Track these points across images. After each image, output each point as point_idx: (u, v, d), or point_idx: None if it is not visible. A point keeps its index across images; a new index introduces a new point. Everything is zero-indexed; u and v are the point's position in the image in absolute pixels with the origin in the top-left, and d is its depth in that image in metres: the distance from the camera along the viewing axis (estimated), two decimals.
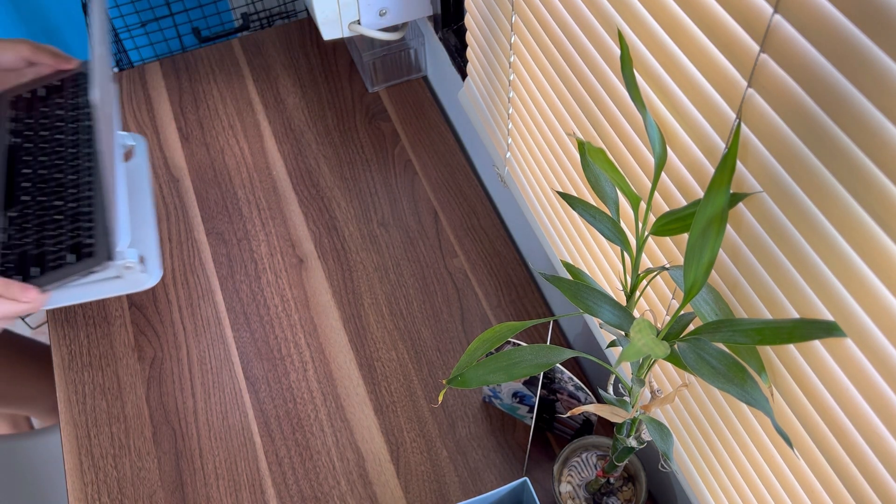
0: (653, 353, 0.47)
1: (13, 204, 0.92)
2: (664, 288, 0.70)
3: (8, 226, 0.90)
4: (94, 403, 0.95)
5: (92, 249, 0.87)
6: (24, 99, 1.04)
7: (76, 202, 0.91)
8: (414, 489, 0.88)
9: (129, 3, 1.64)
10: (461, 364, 0.58)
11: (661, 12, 0.56)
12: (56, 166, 0.95)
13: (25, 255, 0.88)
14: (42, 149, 0.97)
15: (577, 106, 0.76)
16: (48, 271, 0.86)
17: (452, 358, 0.98)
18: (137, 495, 0.89)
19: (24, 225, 0.90)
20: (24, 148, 0.98)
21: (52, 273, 0.86)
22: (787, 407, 0.57)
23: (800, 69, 0.44)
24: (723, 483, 0.72)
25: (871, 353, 0.46)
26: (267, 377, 0.97)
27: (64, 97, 1.02)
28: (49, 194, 0.92)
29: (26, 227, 0.90)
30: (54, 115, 1.01)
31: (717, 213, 0.45)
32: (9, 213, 0.91)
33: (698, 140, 0.56)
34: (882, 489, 0.49)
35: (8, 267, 0.87)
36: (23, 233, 0.90)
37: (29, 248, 0.89)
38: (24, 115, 1.02)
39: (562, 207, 0.90)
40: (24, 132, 1.00)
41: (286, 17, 1.58)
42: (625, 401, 0.64)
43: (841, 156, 0.43)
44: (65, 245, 0.88)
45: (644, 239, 0.57)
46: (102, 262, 0.86)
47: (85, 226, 0.89)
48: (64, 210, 0.90)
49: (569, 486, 0.81)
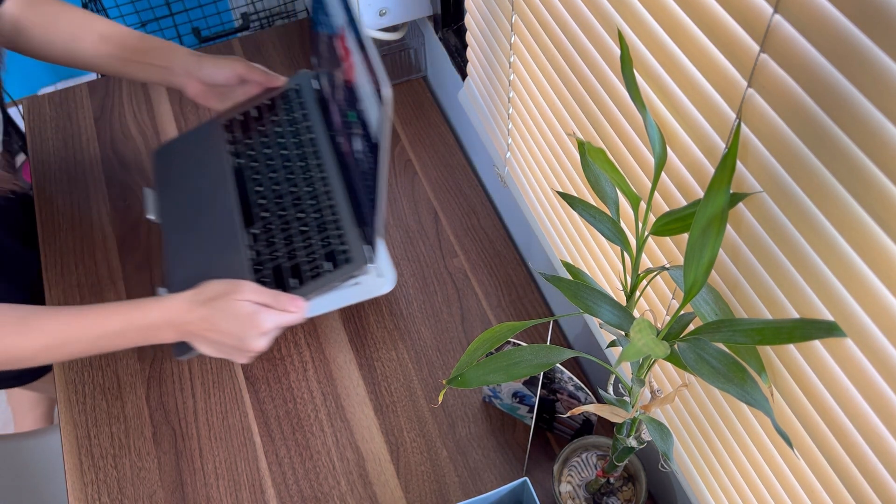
0: (653, 353, 0.47)
1: (253, 222, 0.95)
2: (664, 288, 0.70)
3: (253, 243, 0.93)
4: (94, 403, 0.96)
5: (348, 255, 0.89)
6: (237, 121, 1.06)
7: (318, 212, 0.93)
8: (414, 489, 0.88)
9: (128, 3, 1.64)
10: (461, 364, 0.58)
11: (661, 12, 0.56)
12: (289, 181, 0.98)
13: (280, 269, 0.91)
14: (269, 166, 1.00)
15: (577, 106, 0.76)
16: (308, 281, 0.89)
17: (452, 358, 0.98)
18: (137, 495, 0.89)
19: (271, 240, 0.93)
20: (250, 167, 1.01)
21: (313, 282, 0.88)
22: (787, 407, 0.57)
23: (800, 69, 0.44)
24: (723, 483, 0.72)
25: (871, 353, 0.46)
26: (267, 377, 0.97)
27: (278, 115, 1.04)
28: (288, 208, 0.95)
29: (273, 241, 0.93)
30: (273, 133, 1.03)
31: (717, 213, 0.45)
32: (251, 230, 0.94)
33: (698, 140, 0.56)
34: (882, 489, 0.49)
35: (264, 281, 0.90)
36: (271, 247, 0.93)
37: (281, 261, 0.91)
38: (241, 136, 1.04)
39: (562, 207, 0.90)
40: (246, 153, 1.02)
41: (286, 17, 1.58)
42: (625, 401, 0.64)
43: (841, 156, 0.43)
44: (318, 254, 0.90)
45: (644, 239, 0.57)
46: (362, 266, 0.88)
47: (335, 234, 0.91)
48: (308, 221, 0.93)
49: (569, 486, 0.81)
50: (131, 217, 1.12)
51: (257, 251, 0.93)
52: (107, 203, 1.14)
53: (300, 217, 0.94)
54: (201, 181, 1.02)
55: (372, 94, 0.75)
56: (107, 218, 1.12)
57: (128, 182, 1.16)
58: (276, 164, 1.00)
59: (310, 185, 0.96)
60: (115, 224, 1.11)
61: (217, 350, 0.84)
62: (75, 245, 1.10)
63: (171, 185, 1.03)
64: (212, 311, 0.81)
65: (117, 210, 1.13)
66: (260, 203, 0.97)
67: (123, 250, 1.09)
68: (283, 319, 0.83)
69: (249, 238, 0.94)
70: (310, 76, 1.06)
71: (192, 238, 0.96)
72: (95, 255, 1.08)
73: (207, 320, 0.81)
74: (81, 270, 1.07)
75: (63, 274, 1.06)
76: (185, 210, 1.00)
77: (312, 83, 1.06)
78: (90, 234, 1.11)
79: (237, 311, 0.81)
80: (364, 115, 0.81)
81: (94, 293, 1.04)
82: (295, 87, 1.06)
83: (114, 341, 0.81)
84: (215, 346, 0.83)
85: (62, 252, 1.09)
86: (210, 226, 0.97)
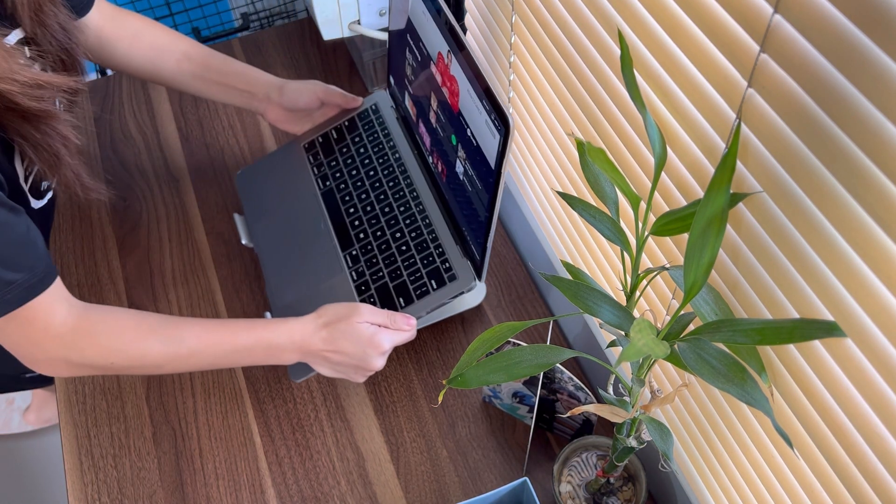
0: (653, 353, 0.47)
1: (350, 243, 0.96)
2: (664, 288, 0.70)
3: (352, 265, 0.95)
4: (94, 403, 0.96)
5: (453, 273, 0.90)
6: (318, 143, 1.07)
7: (415, 231, 0.94)
8: (414, 489, 0.88)
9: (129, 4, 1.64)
10: (461, 364, 0.58)
11: (661, 12, 0.56)
12: (380, 201, 0.99)
13: (386, 289, 0.92)
14: (358, 187, 1.01)
15: (577, 106, 0.76)
16: (416, 300, 0.90)
17: (452, 358, 0.98)
18: (137, 495, 0.89)
19: (372, 261, 0.94)
20: (340, 189, 1.01)
21: (422, 301, 0.90)
22: (787, 407, 0.57)
23: (800, 69, 0.44)
24: (723, 483, 0.72)
25: (871, 353, 0.46)
26: (267, 377, 0.97)
27: (360, 135, 1.05)
28: (384, 228, 0.96)
29: (373, 262, 0.94)
30: (358, 154, 1.03)
31: (717, 213, 0.45)
32: (349, 252, 0.96)
33: (698, 140, 0.56)
34: (882, 489, 0.49)
35: (372, 301, 0.92)
36: (372, 268, 0.94)
37: (385, 281, 0.93)
38: (324, 158, 1.05)
39: (562, 207, 0.90)
40: (332, 174, 1.03)
41: (286, 17, 1.58)
42: (625, 401, 0.64)
43: (841, 156, 0.43)
44: (422, 273, 0.92)
45: (644, 239, 0.57)
46: (469, 283, 0.89)
47: (436, 252, 0.92)
48: (406, 241, 0.94)
49: (569, 486, 0.81)
50: (131, 217, 1.12)
51: (357, 272, 0.94)
52: (107, 203, 1.14)
53: (397, 237, 0.95)
54: (291, 205, 1.03)
55: (486, 123, 0.77)
56: (107, 218, 1.12)
57: (128, 182, 1.16)
58: (364, 185, 1.01)
59: (403, 205, 0.97)
60: (115, 224, 1.11)
61: (336, 371, 0.86)
62: (75, 245, 1.10)
63: (261, 210, 1.04)
64: (334, 333, 0.83)
65: (117, 210, 1.13)
66: (355, 224, 0.98)
67: (123, 250, 1.09)
68: (398, 338, 0.86)
69: (349, 259, 0.96)
70: (386, 96, 1.07)
71: (291, 262, 0.98)
72: (95, 255, 1.08)
73: (330, 342, 0.83)
74: (81, 270, 1.07)
75: (63, 274, 1.06)
76: (279, 234, 1.01)
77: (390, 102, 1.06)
78: (90, 234, 1.11)
79: (359, 334, 0.83)
80: (470, 140, 0.82)
81: (94, 293, 1.04)
82: (372, 106, 1.06)
83: (240, 357, 0.84)
84: (336, 368, 0.85)
85: (62, 252, 1.09)
86: (307, 249, 0.98)
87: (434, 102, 0.90)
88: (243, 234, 1.04)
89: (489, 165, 0.78)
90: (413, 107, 0.99)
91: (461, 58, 0.80)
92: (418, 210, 0.96)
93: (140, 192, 1.15)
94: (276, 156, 1.09)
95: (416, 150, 1.01)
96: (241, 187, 1.08)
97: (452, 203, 0.92)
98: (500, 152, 0.75)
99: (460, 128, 0.84)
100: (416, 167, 1.00)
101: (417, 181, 0.98)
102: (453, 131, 0.86)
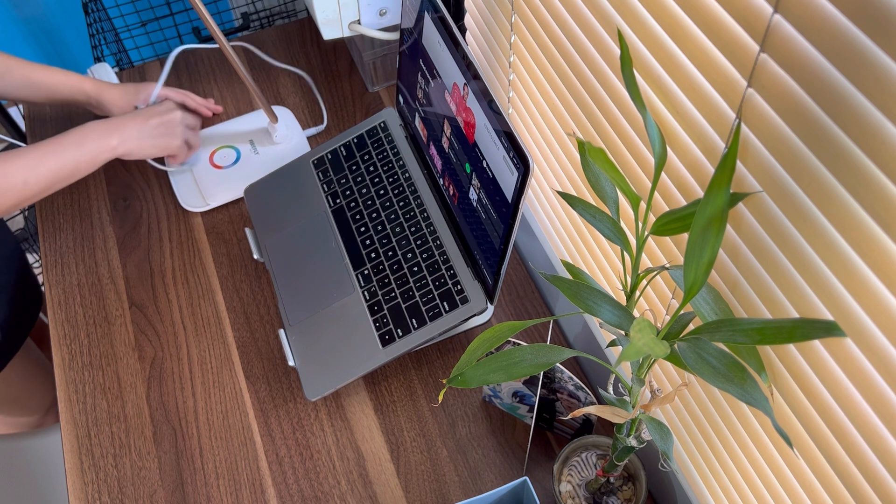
0: (653, 352, 0.47)
1: (361, 264, 0.96)
2: (664, 288, 0.70)
3: (364, 285, 0.95)
4: (95, 403, 0.96)
5: (465, 296, 0.90)
6: (327, 160, 1.07)
7: (427, 253, 0.94)
8: (414, 489, 0.88)
9: (129, 3, 1.64)
10: (461, 364, 0.58)
11: (661, 12, 0.56)
12: (391, 220, 0.98)
13: (398, 309, 0.92)
14: (368, 206, 1.01)
15: (577, 106, 0.76)
16: (429, 322, 0.90)
17: (452, 358, 0.98)
18: (137, 495, 0.89)
19: (384, 281, 0.94)
20: (350, 208, 1.01)
21: (434, 323, 0.90)
22: (787, 407, 0.57)
23: (800, 69, 0.44)
24: (723, 483, 0.72)
25: (871, 353, 0.46)
26: (267, 377, 0.97)
27: (370, 153, 1.05)
28: (396, 249, 0.96)
29: (385, 283, 0.94)
30: (368, 172, 1.03)
31: (717, 212, 0.45)
32: (360, 272, 0.96)
33: (698, 140, 0.56)
34: (882, 489, 0.49)
35: (382, 323, 0.92)
36: (383, 289, 0.94)
37: (397, 302, 0.92)
38: (333, 176, 1.05)
39: (562, 207, 0.90)
40: (343, 192, 1.03)
41: (286, 17, 1.58)
42: (625, 400, 0.64)
43: (841, 155, 0.43)
44: (434, 294, 0.92)
45: (644, 239, 0.57)
46: (482, 306, 0.89)
47: (448, 273, 0.92)
48: (418, 262, 0.94)
49: (569, 486, 0.81)
50: (131, 217, 1.12)
51: (369, 292, 0.94)
52: (107, 203, 1.14)
53: (409, 257, 0.95)
54: (301, 221, 1.03)
55: (503, 159, 0.76)
56: (107, 218, 1.12)
57: (128, 182, 1.16)
58: (375, 204, 1.00)
59: (414, 225, 0.97)
60: (115, 224, 1.11)
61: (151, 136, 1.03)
62: (75, 245, 1.10)
63: (271, 226, 1.04)
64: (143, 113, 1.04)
65: (117, 210, 1.13)
66: (366, 243, 0.98)
67: (123, 250, 1.09)
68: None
69: (360, 279, 0.95)
70: (394, 113, 1.06)
71: (303, 280, 0.98)
72: (95, 255, 1.08)
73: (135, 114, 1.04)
74: (81, 270, 1.07)
75: (63, 274, 1.06)
76: (290, 251, 1.01)
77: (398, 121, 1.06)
78: (90, 234, 1.11)
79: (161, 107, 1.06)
80: (485, 170, 0.81)
81: (94, 293, 1.04)
82: (381, 124, 1.06)
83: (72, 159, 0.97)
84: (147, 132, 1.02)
85: (62, 252, 1.09)
86: (318, 267, 0.98)
87: (447, 129, 0.90)
88: (255, 249, 1.04)
89: (504, 197, 0.78)
90: (424, 129, 0.98)
91: (479, 93, 0.79)
92: (429, 231, 0.96)
93: (140, 192, 1.15)
94: (284, 171, 1.09)
95: (426, 171, 1.00)
96: (249, 202, 1.08)
97: (464, 227, 0.92)
98: (517, 189, 0.75)
99: (475, 158, 0.83)
100: (426, 188, 0.99)
101: (428, 202, 0.98)
102: (467, 160, 0.86)
